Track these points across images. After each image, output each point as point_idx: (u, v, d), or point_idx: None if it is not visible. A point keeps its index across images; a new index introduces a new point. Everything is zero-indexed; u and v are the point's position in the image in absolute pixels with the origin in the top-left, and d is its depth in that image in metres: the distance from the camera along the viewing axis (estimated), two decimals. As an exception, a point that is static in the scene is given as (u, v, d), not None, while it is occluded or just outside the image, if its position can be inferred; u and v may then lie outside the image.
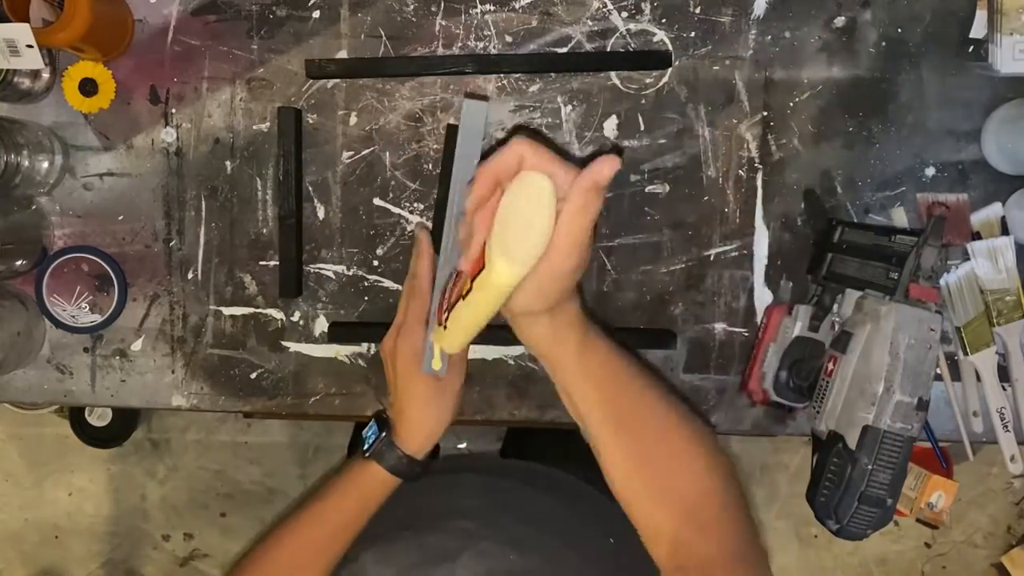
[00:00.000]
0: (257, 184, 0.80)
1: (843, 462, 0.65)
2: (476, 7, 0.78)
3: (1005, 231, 0.77)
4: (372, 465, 0.69)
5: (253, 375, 0.82)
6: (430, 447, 0.71)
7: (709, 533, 0.58)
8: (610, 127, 0.79)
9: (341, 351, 0.82)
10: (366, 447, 0.70)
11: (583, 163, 0.51)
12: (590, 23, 0.78)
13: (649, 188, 0.79)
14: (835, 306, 0.75)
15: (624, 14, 0.78)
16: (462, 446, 1.85)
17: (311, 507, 0.70)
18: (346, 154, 0.80)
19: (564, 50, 0.78)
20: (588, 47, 0.78)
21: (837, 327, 0.74)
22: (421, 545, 0.68)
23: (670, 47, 0.78)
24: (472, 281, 0.55)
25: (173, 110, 0.80)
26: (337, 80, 0.79)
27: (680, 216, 0.80)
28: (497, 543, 0.67)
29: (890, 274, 0.67)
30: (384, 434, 0.70)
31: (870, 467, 0.63)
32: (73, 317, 0.81)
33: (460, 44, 0.79)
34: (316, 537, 0.69)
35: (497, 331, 0.80)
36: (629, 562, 0.70)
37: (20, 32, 0.68)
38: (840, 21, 0.78)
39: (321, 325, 0.82)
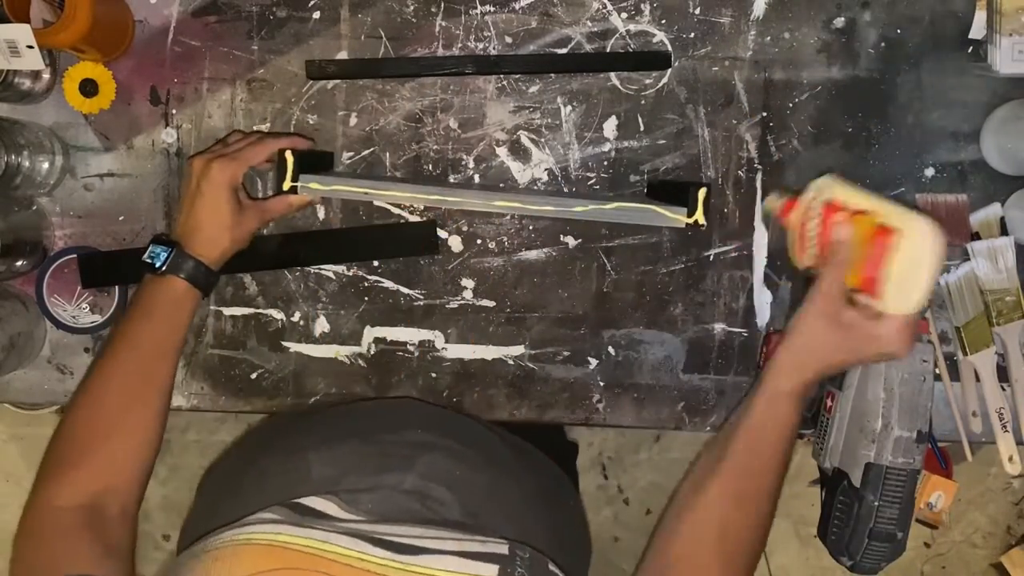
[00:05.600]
0: (257, 184, 0.81)
1: (850, 500, 0.65)
2: (476, 8, 0.78)
3: (1005, 231, 0.77)
4: (168, 280, 0.69)
5: (253, 375, 0.83)
6: (220, 264, 0.72)
7: None
8: (610, 128, 0.79)
9: (341, 351, 0.82)
10: (159, 263, 0.69)
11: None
12: (590, 24, 0.78)
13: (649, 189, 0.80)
14: None
15: (624, 15, 0.78)
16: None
17: (120, 339, 0.68)
18: (346, 155, 0.80)
19: (564, 51, 0.78)
20: (588, 48, 0.78)
21: None
22: (371, 452, 0.67)
23: (670, 48, 0.78)
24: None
25: (173, 111, 0.80)
26: (337, 81, 0.79)
27: (680, 216, 0.80)
28: (447, 457, 0.67)
29: None
30: (174, 249, 0.70)
31: (876, 504, 0.63)
32: (74, 317, 0.81)
33: (460, 45, 0.79)
34: (137, 366, 0.68)
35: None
36: (559, 511, 0.74)
37: (21, 33, 0.69)
38: (839, 22, 0.78)
39: (321, 325, 0.82)
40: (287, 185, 0.70)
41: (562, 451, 0.89)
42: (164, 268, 0.69)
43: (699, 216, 0.69)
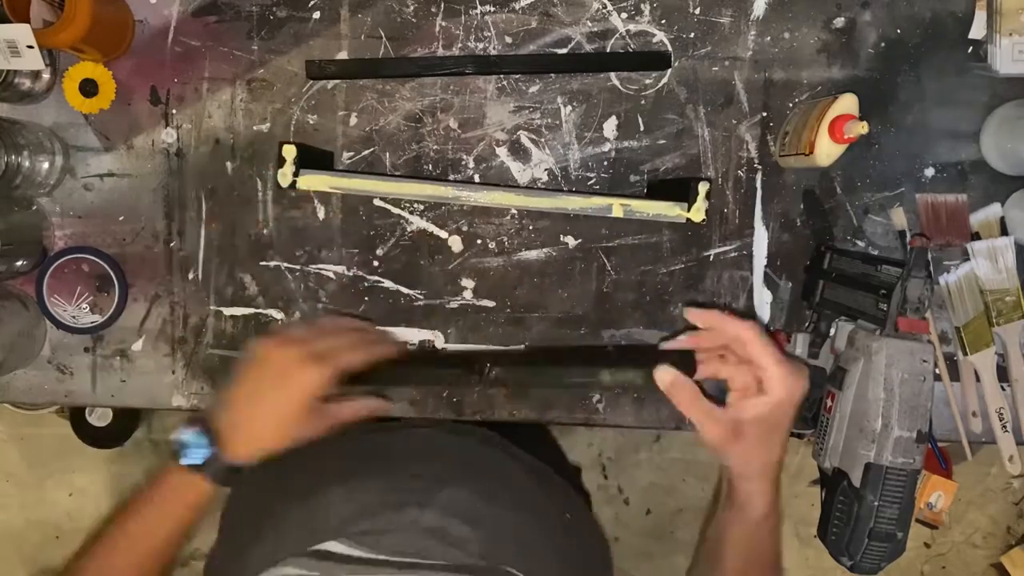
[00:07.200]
0: (257, 184, 0.81)
1: (849, 500, 0.65)
2: (476, 8, 0.78)
3: (1004, 231, 0.77)
4: (195, 476, 0.63)
5: (253, 375, 0.82)
6: (258, 461, 0.66)
7: None
8: (610, 128, 0.79)
9: (341, 351, 0.82)
10: (192, 461, 0.63)
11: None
12: (590, 24, 0.78)
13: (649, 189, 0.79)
14: (832, 330, 0.75)
15: (624, 15, 0.78)
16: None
17: (129, 524, 0.64)
18: (346, 155, 0.80)
19: (564, 51, 0.78)
20: (588, 48, 0.78)
21: (834, 356, 0.74)
22: (389, 487, 0.65)
23: (670, 48, 0.78)
24: None
25: (173, 111, 0.80)
26: (337, 81, 0.79)
27: (680, 216, 0.80)
28: (468, 492, 0.65)
29: (879, 305, 0.67)
30: (214, 448, 0.63)
31: (876, 504, 0.63)
32: (74, 318, 0.81)
33: (460, 45, 0.79)
34: (140, 557, 0.64)
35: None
36: (580, 539, 0.73)
37: (21, 33, 0.69)
38: (839, 22, 0.78)
39: (321, 325, 0.82)
40: (286, 181, 0.70)
41: (569, 472, 0.90)
42: (195, 467, 0.63)
43: (699, 210, 0.69)
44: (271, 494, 0.68)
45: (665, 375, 0.61)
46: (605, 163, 0.79)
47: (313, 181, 0.70)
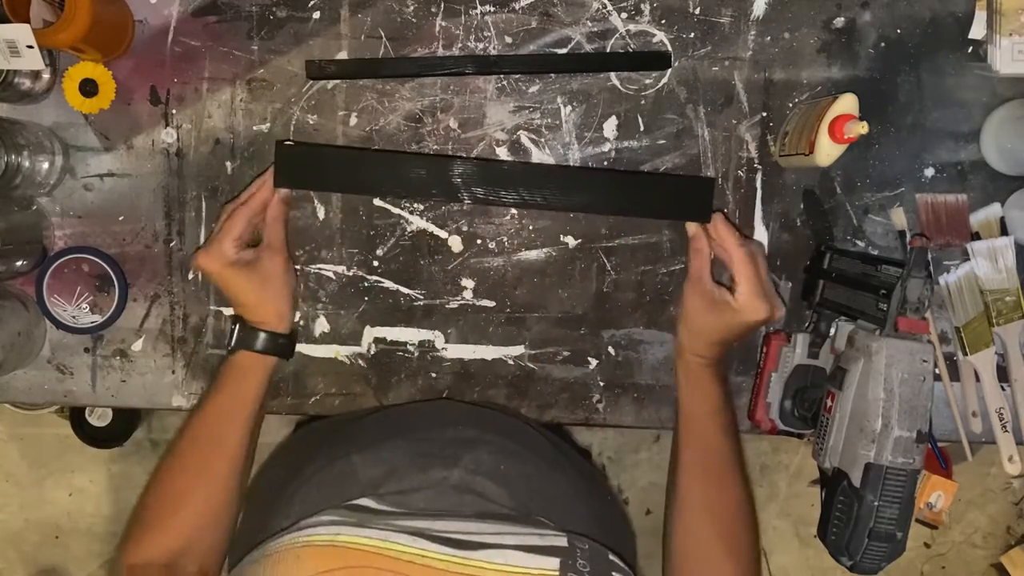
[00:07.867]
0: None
1: (849, 500, 0.65)
2: (476, 8, 0.78)
3: (1004, 231, 0.77)
4: (241, 354, 0.73)
5: (253, 375, 0.82)
6: (285, 322, 0.75)
7: (739, 557, 0.67)
8: (610, 128, 0.79)
9: (341, 351, 0.82)
10: (229, 343, 0.74)
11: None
12: (590, 24, 0.78)
13: (649, 188, 0.80)
14: (832, 330, 0.76)
15: (624, 15, 0.78)
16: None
17: (197, 413, 0.72)
18: (346, 155, 0.80)
19: (564, 51, 0.78)
20: (588, 48, 0.78)
21: (834, 356, 0.74)
22: (414, 451, 0.69)
23: (670, 48, 0.78)
24: None
25: (173, 111, 0.80)
26: (337, 81, 0.79)
27: (680, 216, 0.80)
28: (491, 452, 0.69)
29: (879, 305, 0.68)
30: (238, 326, 0.74)
31: (876, 504, 0.64)
32: (73, 317, 0.81)
33: (460, 45, 0.79)
34: (205, 437, 0.70)
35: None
36: (602, 499, 0.77)
37: (21, 33, 0.69)
38: (839, 22, 0.78)
39: (321, 325, 0.82)
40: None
41: (579, 451, 0.92)
42: (232, 345, 0.74)
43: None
44: (298, 466, 0.71)
45: (695, 226, 0.74)
46: (605, 163, 0.79)
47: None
